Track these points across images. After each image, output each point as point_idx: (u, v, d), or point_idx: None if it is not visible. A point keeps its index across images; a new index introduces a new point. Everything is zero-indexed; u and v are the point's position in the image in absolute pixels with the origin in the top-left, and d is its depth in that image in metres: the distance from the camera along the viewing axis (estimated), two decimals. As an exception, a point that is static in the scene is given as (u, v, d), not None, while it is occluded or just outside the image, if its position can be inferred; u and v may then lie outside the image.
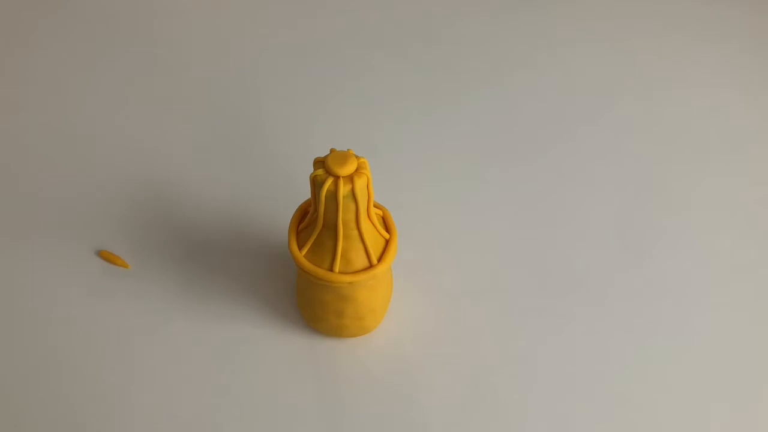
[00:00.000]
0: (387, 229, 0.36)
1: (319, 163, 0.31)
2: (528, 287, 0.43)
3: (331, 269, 0.34)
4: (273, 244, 0.44)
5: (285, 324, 0.41)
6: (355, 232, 0.33)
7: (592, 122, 0.53)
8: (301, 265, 0.34)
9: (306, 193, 0.45)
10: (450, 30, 0.60)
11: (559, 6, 0.63)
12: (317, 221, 0.33)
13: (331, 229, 0.33)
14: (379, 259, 0.35)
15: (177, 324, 0.41)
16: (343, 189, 0.30)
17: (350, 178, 0.31)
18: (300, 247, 0.35)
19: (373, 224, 0.34)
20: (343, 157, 0.31)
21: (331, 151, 0.31)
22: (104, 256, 0.42)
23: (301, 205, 0.36)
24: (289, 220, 0.35)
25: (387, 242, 0.35)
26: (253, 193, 0.47)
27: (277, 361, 0.40)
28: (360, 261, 0.34)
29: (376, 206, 0.36)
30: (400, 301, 0.42)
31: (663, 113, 0.55)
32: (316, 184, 0.31)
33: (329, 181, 0.30)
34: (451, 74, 0.57)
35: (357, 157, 0.31)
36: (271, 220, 0.45)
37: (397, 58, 0.57)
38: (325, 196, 0.31)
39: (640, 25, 0.63)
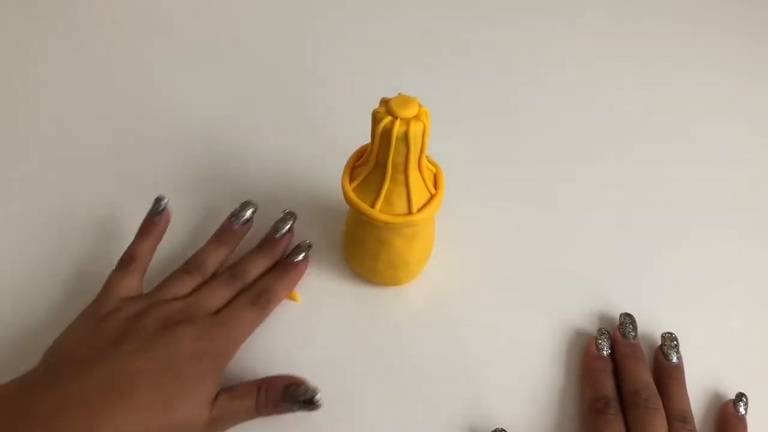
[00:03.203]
0: (436, 187, 0.37)
1: (384, 102, 0.33)
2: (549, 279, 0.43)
3: (372, 207, 0.35)
4: (325, 195, 0.47)
5: (330, 272, 0.43)
6: (401, 177, 0.34)
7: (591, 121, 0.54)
8: (348, 197, 0.36)
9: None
10: (450, 30, 0.61)
11: (559, 6, 0.65)
12: (370, 159, 0.35)
13: (381, 168, 0.34)
14: (419, 210, 0.36)
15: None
16: (398, 130, 0.32)
17: (407, 122, 0.32)
18: (351, 182, 0.36)
19: (422, 176, 0.35)
20: (407, 101, 0.32)
21: (399, 94, 0.33)
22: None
23: (362, 146, 0.38)
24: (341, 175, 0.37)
25: (431, 197, 0.36)
26: (308, 146, 0.50)
27: (316, 304, 0.42)
28: (400, 206, 0.35)
29: (431, 162, 0.37)
30: (437, 266, 0.43)
31: (663, 112, 0.56)
32: (374, 120, 0.33)
33: (386, 120, 0.32)
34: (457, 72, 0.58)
35: (421, 105, 0.33)
36: (321, 175, 0.48)
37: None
38: (380, 134, 0.33)
39: (640, 23, 0.64)
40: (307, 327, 0.40)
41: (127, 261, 0.38)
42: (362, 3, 0.63)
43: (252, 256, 0.41)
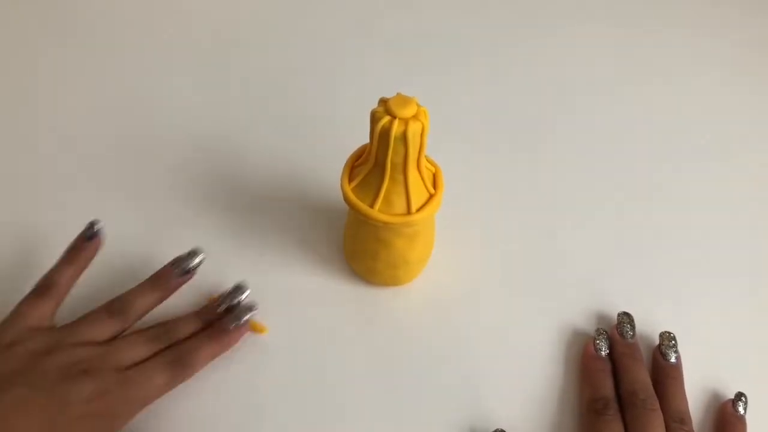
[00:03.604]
0: (435, 187, 0.37)
1: (383, 102, 0.33)
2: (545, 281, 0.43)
3: (371, 207, 0.35)
4: (325, 195, 0.47)
5: (330, 272, 0.43)
6: (400, 177, 0.34)
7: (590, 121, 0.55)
8: (347, 197, 0.36)
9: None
10: (448, 27, 0.62)
11: (557, 5, 0.65)
12: (369, 159, 0.35)
13: (380, 168, 0.34)
14: (418, 210, 0.36)
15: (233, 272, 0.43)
16: (396, 130, 0.32)
17: (405, 122, 0.32)
18: (350, 182, 0.37)
19: (421, 176, 0.35)
20: (406, 101, 0.32)
21: (398, 93, 0.33)
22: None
23: (361, 146, 0.38)
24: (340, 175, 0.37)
25: (431, 197, 0.36)
26: (308, 146, 0.50)
27: (316, 304, 0.42)
28: (400, 206, 0.35)
29: (430, 162, 0.37)
30: (437, 266, 0.43)
31: (664, 112, 0.56)
32: (373, 120, 0.33)
33: (385, 119, 0.32)
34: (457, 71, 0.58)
35: (419, 105, 0.33)
36: (321, 175, 0.48)
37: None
38: (379, 134, 0.33)
39: (640, 23, 0.64)
40: (307, 327, 0.40)
41: (43, 288, 0.35)
42: (362, 3, 0.63)
43: (186, 319, 0.37)
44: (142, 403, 0.34)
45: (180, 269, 0.38)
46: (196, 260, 0.38)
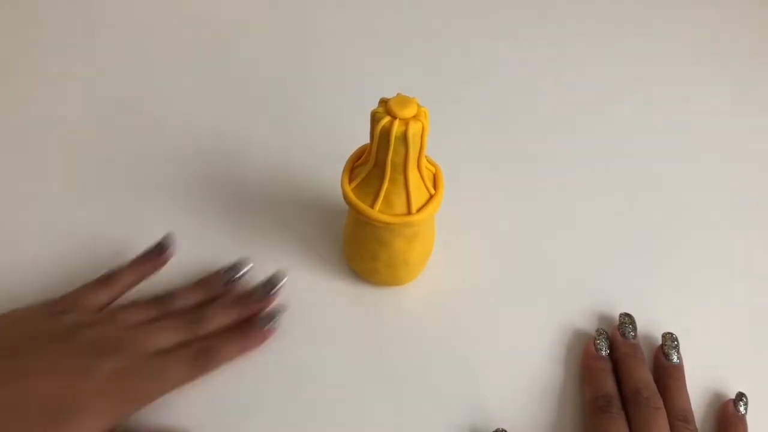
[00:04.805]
0: (435, 187, 0.37)
1: (383, 102, 0.33)
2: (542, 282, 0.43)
3: (371, 207, 0.35)
4: (325, 195, 0.47)
5: (330, 272, 0.43)
6: (401, 177, 0.34)
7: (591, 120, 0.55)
8: (347, 198, 0.36)
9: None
10: (449, 29, 0.62)
11: (558, 5, 0.65)
12: (370, 159, 0.35)
13: (380, 168, 0.34)
14: (419, 210, 0.36)
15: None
16: (397, 130, 0.32)
17: (406, 122, 0.32)
18: (350, 182, 0.37)
19: (421, 176, 0.35)
20: (406, 101, 0.32)
21: (398, 94, 0.33)
22: None
23: (361, 146, 0.38)
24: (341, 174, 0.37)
25: (431, 197, 0.36)
26: (308, 146, 0.50)
27: (316, 304, 0.42)
28: (400, 206, 0.35)
29: (430, 162, 0.37)
30: (437, 266, 0.43)
31: (664, 112, 0.56)
32: (373, 120, 0.33)
33: (385, 120, 0.32)
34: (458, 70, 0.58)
35: (420, 105, 0.33)
36: (321, 175, 0.48)
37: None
38: (379, 134, 0.33)
39: (638, 24, 0.65)
40: (307, 327, 0.40)
41: (106, 279, 0.38)
42: (362, 3, 0.63)
43: (220, 307, 0.38)
44: (160, 391, 0.35)
45: (227, 278, 0.40)
46: (243, 270, 0.40)
